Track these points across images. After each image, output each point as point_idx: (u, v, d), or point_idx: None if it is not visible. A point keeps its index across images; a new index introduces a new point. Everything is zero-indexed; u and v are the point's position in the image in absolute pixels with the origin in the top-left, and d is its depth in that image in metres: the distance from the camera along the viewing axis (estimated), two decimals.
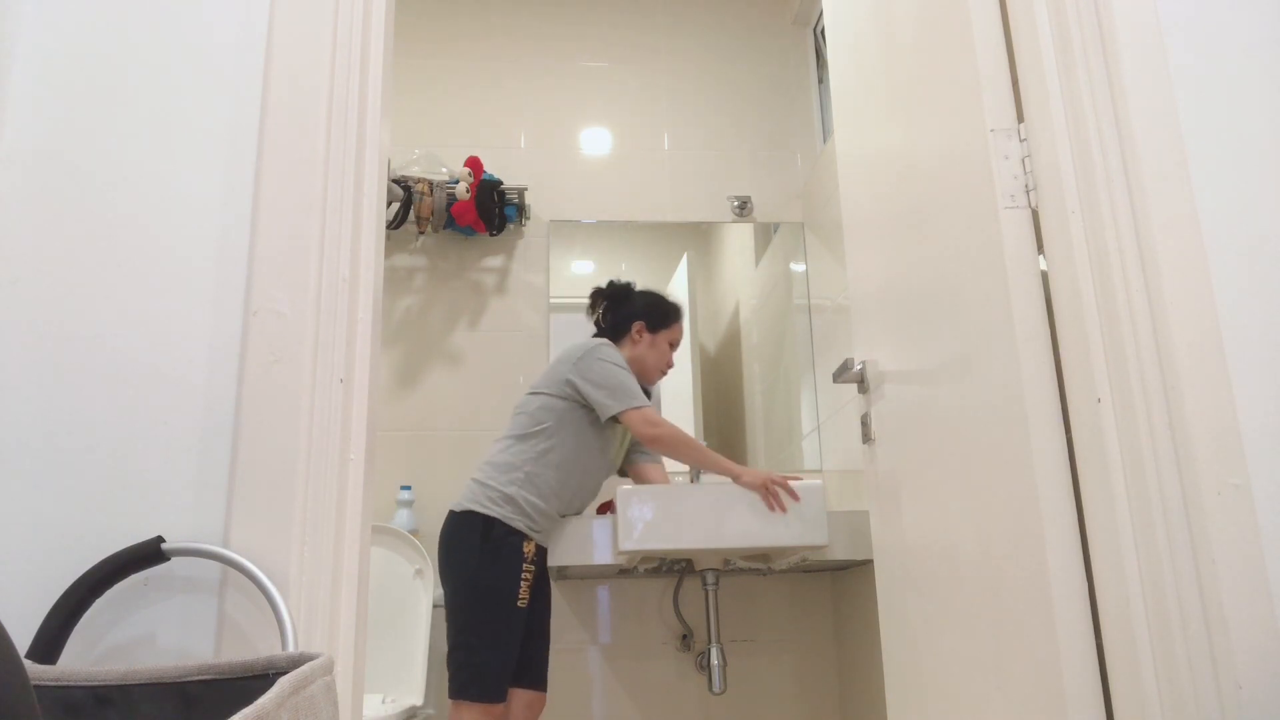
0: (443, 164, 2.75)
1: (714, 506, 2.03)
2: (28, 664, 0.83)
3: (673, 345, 2.27)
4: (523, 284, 2.87)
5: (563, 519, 2.11)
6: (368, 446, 1.12)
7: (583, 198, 2.96)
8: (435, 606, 2.41)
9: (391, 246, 2.84)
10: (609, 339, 2.22)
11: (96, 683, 0.81)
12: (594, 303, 2.33)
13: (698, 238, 2.95)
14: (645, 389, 2.15)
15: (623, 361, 2.12)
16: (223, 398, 1.08)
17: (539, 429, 2.06)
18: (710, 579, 2.34)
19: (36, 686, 0.80)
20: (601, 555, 2.12)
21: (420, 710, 2.31)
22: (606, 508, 2.30)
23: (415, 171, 2.71)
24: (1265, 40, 1.17)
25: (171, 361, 1.08)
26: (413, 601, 2.41)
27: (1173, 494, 1.03)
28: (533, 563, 1.98)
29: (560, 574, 2.50)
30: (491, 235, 2.85)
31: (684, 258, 2.92)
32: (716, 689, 2.24)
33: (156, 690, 0.81)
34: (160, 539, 1.02)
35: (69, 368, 1.07)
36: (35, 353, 1.06)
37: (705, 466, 2.10)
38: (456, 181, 2.73)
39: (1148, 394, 1.07)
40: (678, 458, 2.09)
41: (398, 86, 2.95)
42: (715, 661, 2.27)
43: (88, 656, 1.01)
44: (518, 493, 1.99)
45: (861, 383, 1.78)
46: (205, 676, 0.81)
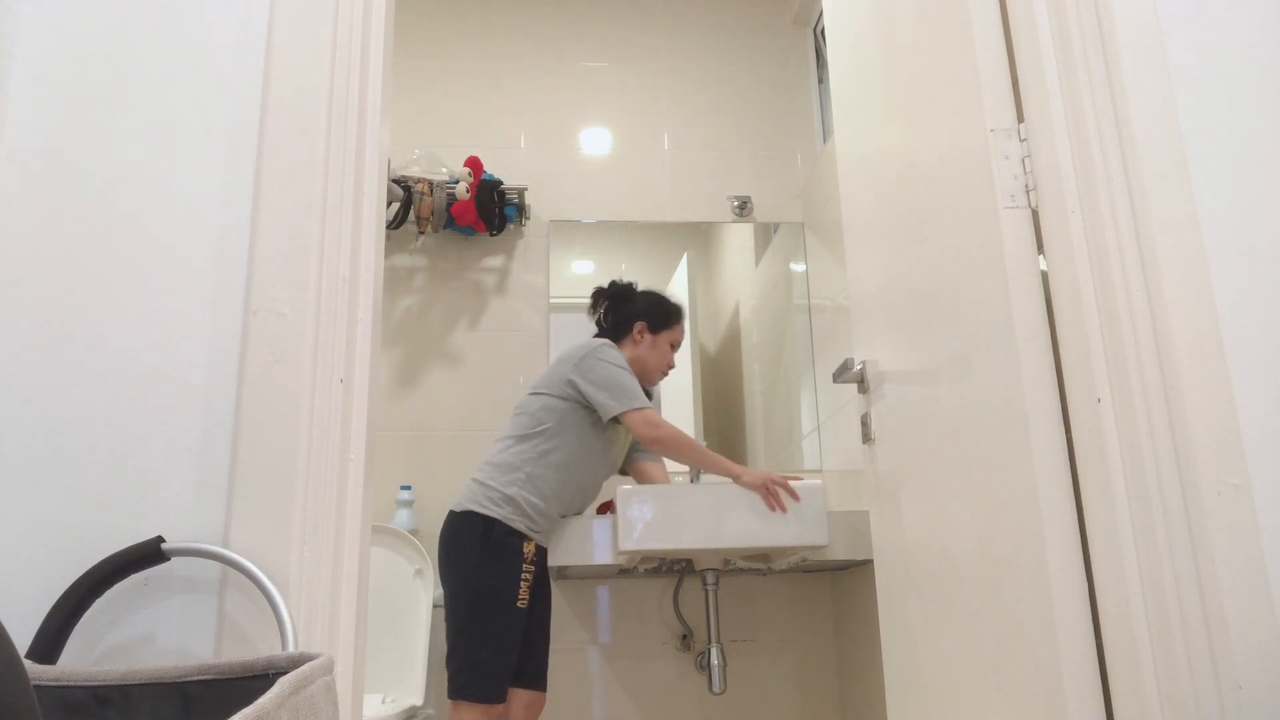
0: (443, 164, 2.75)
1: (714, 506, 2.03)
2: (28, 664, 0.83)
3: (674, 346, 2.27)
4: (523, 284, 2.87)
5: (563, 519, 2.11)
6: (368, 446, 1.12)
7: (583, 198, 2.96)
8: (435, 606, 2.41)
9: (391, 246, 2.84)
10: (610, 339, 2.22)
11: (96, 683, 0.81)
12: (595, 302, 2.33)
13: (698, 238, 2.95)
14: (646, 389, 2.15)
15: (624, 362, 2.12)
16: (223, 398, 1.08)
17: (540, 429, 2.06)
18: (710, 579, 2.34)
19: (36, 686, 0.80)
20: (601, 555, 2.12)
21: (420, 710, 2.31)
22: (606, 508, 2.30)
23: (415, 171, 2.71)
24: (1265, 40, 1.17)
25: (171, 361, 1.08)
26: (413, 601, 2.41)
27: (1173, 494, 1.03)
28: (533, 563, 1.98)
29: (560, 574, 2.50)
30: (491, 235, 2.85)
31: (684, 258, 2.92)
32: (716, 689, 2.25)
33: (156, 690, 0.81)
34: (160, 539, 1.02)
35: (69, 368, 1.07)
36: (35, 353, 1.07)
37: (706, 467, 2.10)
38: (456, 181, 2.72)
39: (1148, 394, 1.07)
40: (678, 459, 2.09)
41: (398, 86, 2.95)
42: (715, 661, 2.27)
43: (88, 656, 1.01)
44: (518, 493, 1.99)
45: (861, 383, 1.78)
46: (205, 676, 0.81)
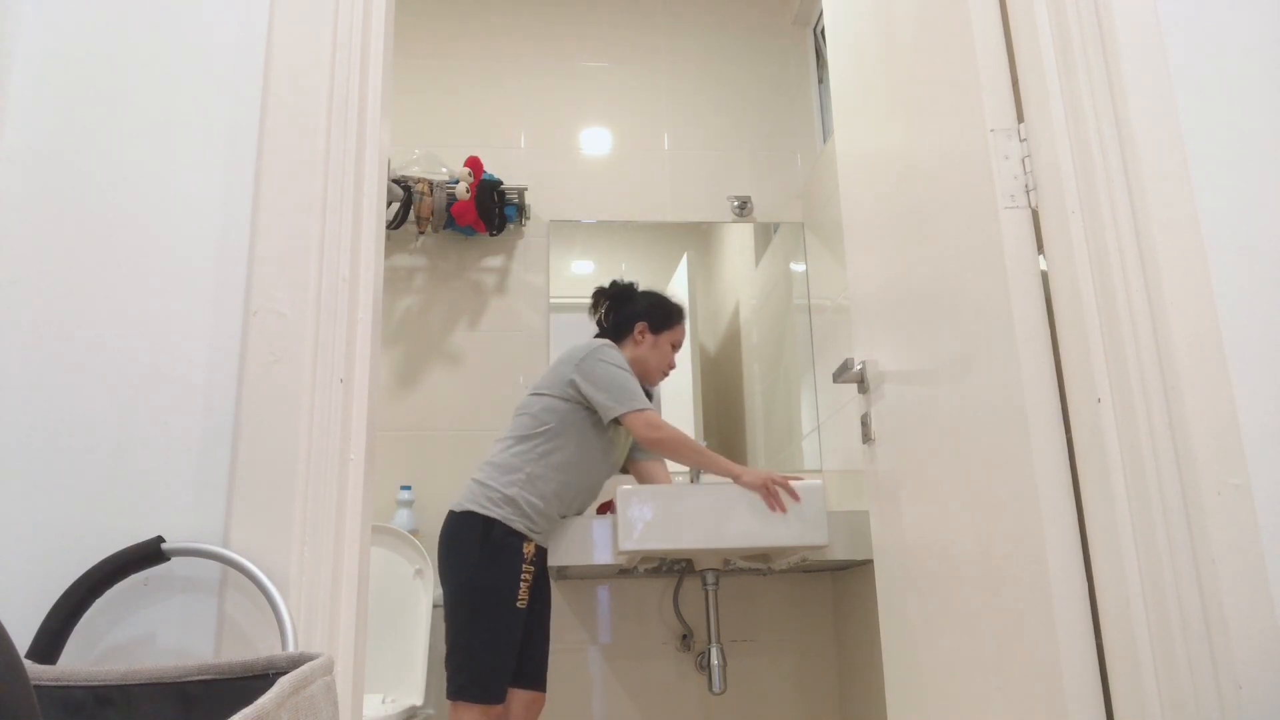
0: (443, 164, 2.75)
1: (714, 506, 2.03)
2: (28, 664, 0.83)
3: (675, 346, 2.27)
4: (523, 284, 2.87)
5: (563, 519, 2.11)
6: (368, 446, 1.12)
7: (583, 198, 2.96)
8: (435, 606, 2.41)
9: (391, 246, 2.84)
10: (611, 339, 2.22)
11: (96, 683, 0.81)
12: (596, 302, 2.33)
13: (698, 238, 2.95)
14: (646, 390, 2.15)
15: (625, 363, 2.12)
16: (223, 398, 1.08)
17: (542, 430, 2.05)
18: (710, 579, 2.34)
19: (36, 686, 0.80)
20: (601, 555, 2.12)
21: (420, 710, 2.31)
22: (606, 508, 2.30)
23: (415, 171, 2.71)
24: (1265, 40, 1.17)
25: (171, 361, 1.08)
26: (413, 601, 2.41)
27: (1173, 494, 1.03)
28: (532, 563, 1.98)
29: (560, 574, 2.50)
30: (491, 235, 2.85)
31: (684, 258, 2.92)
32: (716, 689, 2.24)
33: (156, 690, 0.81)
34: (160, 539, 1.02)
35: (69, 368, 1.07)
36: (35, 353, 1.06)
37: (707, 468, 2.10)
38: (456, 181, 2.72)
39: (1148, 394, 1.07)
40: (679, 460, 2.09)
41: (398, 86, 2.95)
42: (715, 661, 2.27)
43: (88, 656, 1.01)
44: (519, 494, 1.99)
45: (861, 383, 1.78)
46: (205, 676, 0.81)
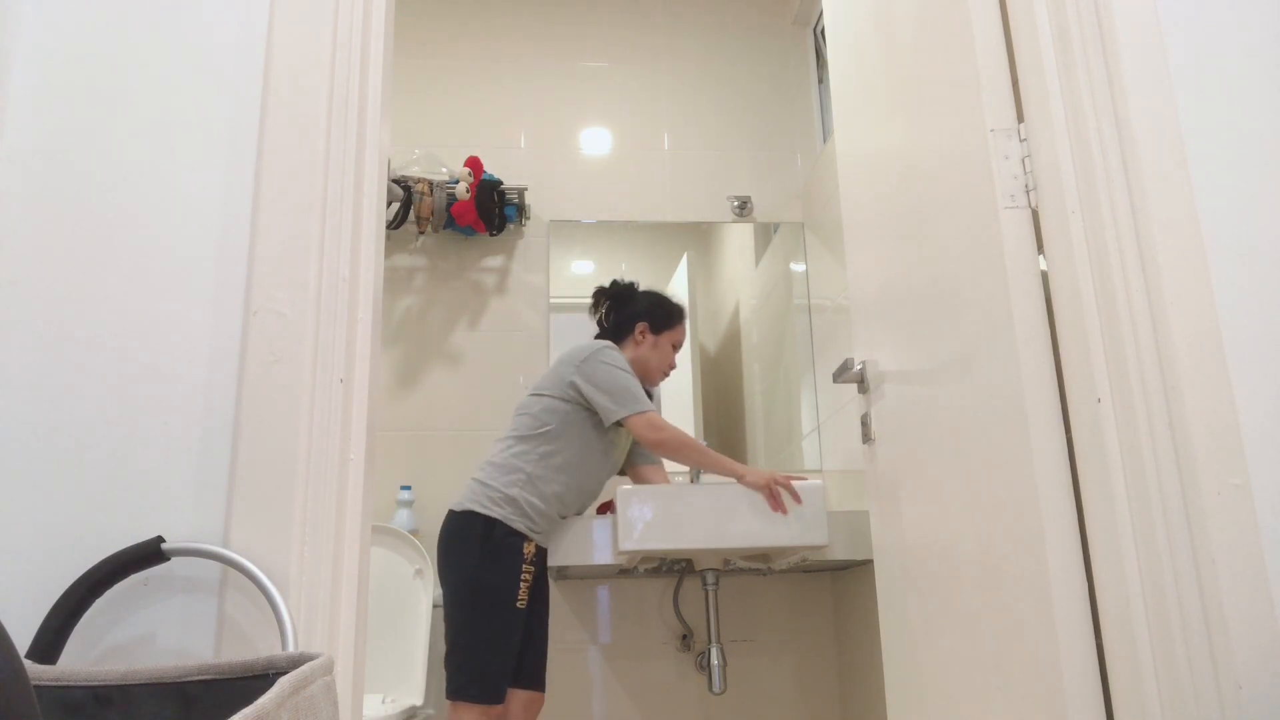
0: (443, 164, 2.75)
1: (714, 506, 2.03)
2: (28, 664, 0.83)
3: (675, 346, 2.27)
4: (523, 284, 2.87)
5: (563, 520, 2.11)
6: (368, 446, 1.12)
7: (583, 198, 2.96)
8: (435, 606, 2.40)
9: (391, 246, 2.84)
10: (611, 339, 2.22)
11: (96, 683, 0.81)
12: (597, 302, 2.33)
13: (698, 238, 2.95)
14: (647, 390, 2.15)
15: (626, 364, 2.12)
16: (223, 398, 1.08)
17: (542, 430, 2.05)
18: (710, 579, 2.34)
19: (36, 686, 0.80)
20: (601, 555, 2.12)
21: (420, 710, 2.31)
22: (606, 508, 2.30)
23: (415, 171, 2.71)
24: (1265, 40, 1.17)
25: (171, 361, 1.08)
26: (413, 601, 2.41)
27: (1173, 494, 1.03)
28: (532, 564, 1.98)
29: (560, 574, 2.50)
30: (491, 235, 2.85)
31: (684, 258, 2.92)
32: (716, 689, 2.24)
33: (156, 690, 0.81)
34: (160, 539, 1.02)
35: (69, 368, 1.07)
36: (35, 353, 1.06)
37: (709, 468, 2.10)
38: (456, 181, 2.72)
39: (1148, 394, 1.07)
40: (682, 461, 2.09)
41: (398, 86, 2.95)
42: (715, 661, 2.27)
43: (88, 656, 1.01)
44: (519, 494, 1.99)
45: (861, 383, 1.78)
46: (205, 676, 0.81)
